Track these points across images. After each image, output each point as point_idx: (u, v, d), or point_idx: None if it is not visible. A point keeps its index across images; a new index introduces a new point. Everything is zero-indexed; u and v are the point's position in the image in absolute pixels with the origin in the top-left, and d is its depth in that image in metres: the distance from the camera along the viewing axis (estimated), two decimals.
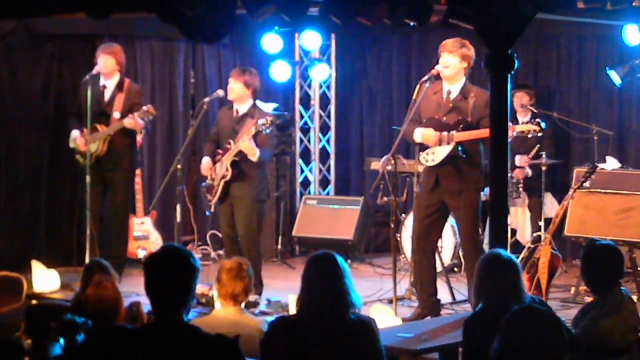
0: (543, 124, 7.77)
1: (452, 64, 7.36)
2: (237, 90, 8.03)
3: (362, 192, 10.96)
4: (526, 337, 3.76)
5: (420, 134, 7.41)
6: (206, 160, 8.15)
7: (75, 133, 8.61)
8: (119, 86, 8.61)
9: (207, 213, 8.40)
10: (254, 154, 7.84)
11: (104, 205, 8.72)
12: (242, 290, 5.24)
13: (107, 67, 8.52)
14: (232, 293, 5.23)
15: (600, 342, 5.05)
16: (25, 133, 9.57)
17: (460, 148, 7.30)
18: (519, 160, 9.52)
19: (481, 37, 6.12)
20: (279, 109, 10.60)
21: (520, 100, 9.61)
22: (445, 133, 7.32)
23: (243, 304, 5.35)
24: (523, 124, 8.34)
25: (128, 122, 8.38)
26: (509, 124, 7.59)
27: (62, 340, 4.40)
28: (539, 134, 7.86)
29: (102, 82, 8.59)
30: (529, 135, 7.82)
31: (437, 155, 7.37)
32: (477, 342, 4.62)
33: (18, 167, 9.56)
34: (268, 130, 7.84)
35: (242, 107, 8.08)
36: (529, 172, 9.55)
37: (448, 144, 7.31)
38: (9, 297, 8.01)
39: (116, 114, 8.50)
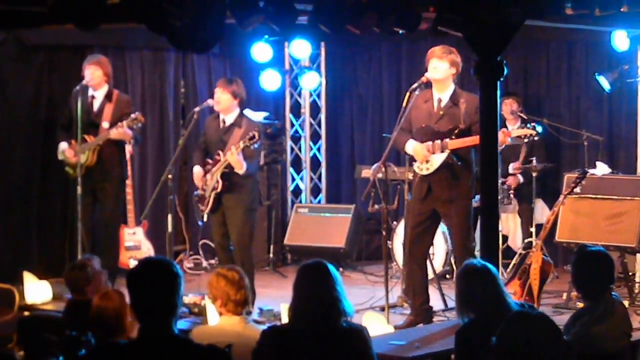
0: (540, 128, 7.74)
1: (442, 69, 7.37)
2: (224, 101, 8.02)
3: (354, 200, 10.95)
4: (524, 345, 3.70)
5: (412, 148, 7.43)
6: (198, 170, 8.14)
7: (63, 145, 8.59)
8: (108, 96, 8.60)
9: (200, 223, 8.38)
10: (241, 168, 7.83)
11: (94, 215, 8.70)
12: (245, 300, 5.25)
13: (95, 79, 8.51)
14: (238, 303, 5.22)
15: (592, 348, 5.07)
16: (15, 144, 9.54)
17: (454, 156, 7.32)
18: (512, 167, 9.54)
19: (470, 44, 6.13)
20: (269, 117, 10.61)
21: (509, 107, 9.62)
22: (438, 141, 7.32)
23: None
24: (517, 129, 8.28)
25: (115, 132, 8.36)
26: (504, 129, 7.65)
27: (61, 358, 4.38)
28: (536, 138, 7.83)
29: (90, 92, 8.58)
30: (525, 140, 7.80)
31: (431, 163, 7.36)
32: (469, 354, 4.63)
33: (9, 179, 9.52)
34: (257, 145, 7.84)
35: (229, 117, 8.06)
36: (521, 178, 9.58)
37: (442, 151, 7.32)
38: (1, 308, 8.01)
39: (105, 124, 8.48)
